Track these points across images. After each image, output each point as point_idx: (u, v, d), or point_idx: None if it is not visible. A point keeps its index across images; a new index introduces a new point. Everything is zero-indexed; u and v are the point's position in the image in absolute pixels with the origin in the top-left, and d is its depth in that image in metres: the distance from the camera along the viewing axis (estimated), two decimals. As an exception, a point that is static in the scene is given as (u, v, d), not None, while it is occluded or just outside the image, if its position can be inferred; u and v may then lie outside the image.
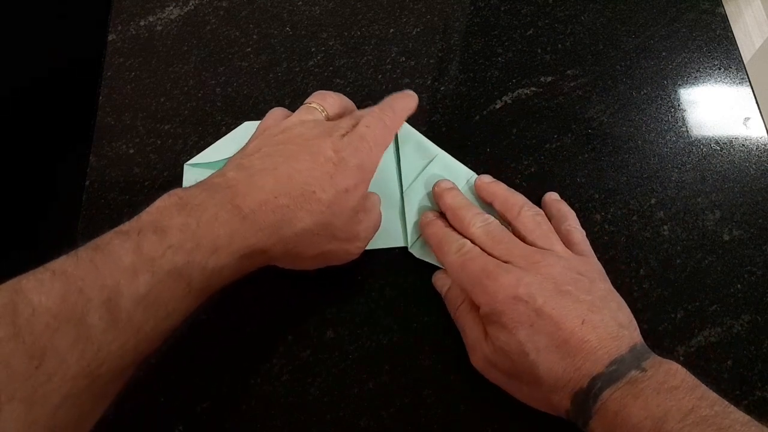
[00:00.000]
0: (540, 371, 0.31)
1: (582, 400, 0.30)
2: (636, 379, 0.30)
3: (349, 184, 0.33)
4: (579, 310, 0.32)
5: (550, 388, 0.31)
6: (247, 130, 0.42)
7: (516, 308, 0.32)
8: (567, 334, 0.31)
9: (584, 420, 0.30)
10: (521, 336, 0.31)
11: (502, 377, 0.34)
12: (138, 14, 0.48)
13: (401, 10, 0.48)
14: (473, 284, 0.34)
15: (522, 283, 0.32)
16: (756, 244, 0.40)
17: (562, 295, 0.32)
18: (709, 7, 0.49)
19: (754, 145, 0.44)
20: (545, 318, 0.31)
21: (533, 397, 0.33)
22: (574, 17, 0.49)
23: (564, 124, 0.44)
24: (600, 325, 0.32)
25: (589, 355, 0.31)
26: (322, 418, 0.35)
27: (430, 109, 0.44)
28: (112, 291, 0.26)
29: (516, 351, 0.32)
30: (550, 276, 0.33)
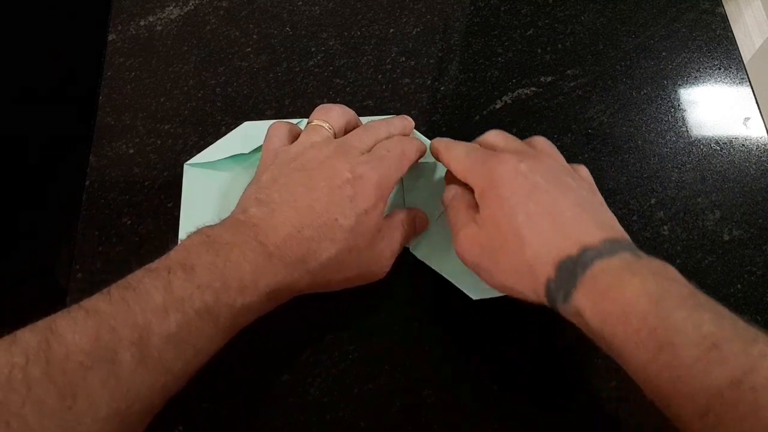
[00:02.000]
0: (526, 234, 0.30)
1: (569, 267, 0.29)
2: (631, 259, 0.28)
3: (369, 204, 0.33)
4: (576, 197, 0.31)
5: (534, 255, 0.30)
6: (247, 130, 0.43)
7: (514, 179, 0.31)
8: (562, 206, 0.30)
9: (566, 291, 0.29)
10: (514, 201, 0.31)
11: (480, 252, 0.33)
12: (138, 14, 0.48)
13: (401, 10, 0.48)
14: (474, 166, 0.34)
15: (523, 161, 0.32)
16: (756, 244, 0.40)
17: (560, 182, 0.32)
18: (709, 7, 0.49)
19: (754, 145, 0.44)
20: (542, 192, 0.31)
21: (511, 271, 0.31)
22: (574, 17, 0.49)
23: (564, 124, 0.44)
24: (597, 211, 0.31)
25: (582, 227, 0.30)
26: (322, 418, 0.35)
27: (430, 109, 0.44)
28: (143, 329, 0.26)
29: (505, 215, 0.31)
30: (551, 167, 0.33)
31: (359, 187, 0.32)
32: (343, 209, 0.32)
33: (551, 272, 0.29)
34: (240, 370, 0.36)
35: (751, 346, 0.24)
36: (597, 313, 0.28)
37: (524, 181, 0.31)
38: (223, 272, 0.28)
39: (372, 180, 0.33)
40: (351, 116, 0.38)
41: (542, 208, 0.30)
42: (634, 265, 0.28)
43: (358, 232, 0.32)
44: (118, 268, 0.39)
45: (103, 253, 0.39)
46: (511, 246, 0.31)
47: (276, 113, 0.44)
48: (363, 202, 0.32)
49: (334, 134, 0.36)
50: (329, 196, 0.32)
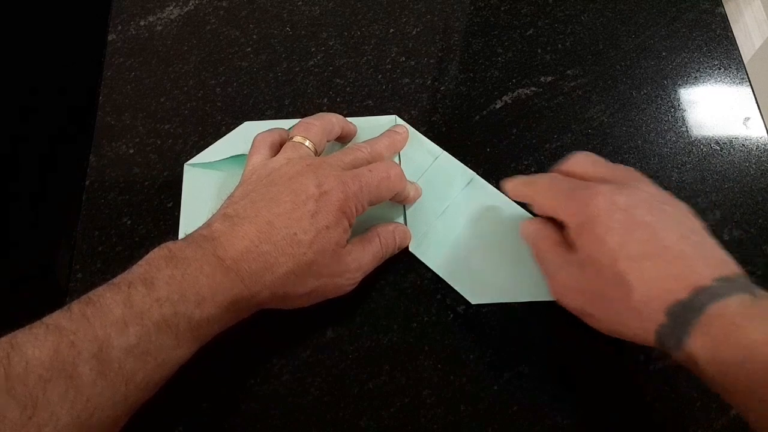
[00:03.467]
0: (631, 279, 0.28)
1: (680, 312, 0.27)
2: (749, 301, 0.26)
3: (330, 221, 0.33)
4: (678, 227, 0.29)
5: (641, 300, 0.28)
6: (247, 130, 0.43)
7: (611, 214, 0.29)
8: (665, 243, 0.28)
9: (678, 338, 0.27)
10: (614, 241, 0.29)
11: (583, 299, 0.31)
12: (138, 14, 0.48)
13: (401, 10, 0.48)
14: (566, 199, 0.32)
15: (622, 193, 0.30)
16: (756, 244, 0.40)
17: (661, 211, 0.30)
18: (709, 7, 0.49)
19: (754, 145, 0.44)
20: (641, 225, 0.29)
21: (617, 317, 0.29)
22: (574, 17, 0.49)
23: (564, 124, 0.44)
24: (703, 244, 0.29)
25: (690, 267, 0.27)
26: (322, 418, 0.35)
27: (430, 109, 0.44)
28: (102, 342, 0.27)
29: (606, 258, 0.29)
30: (647, 195, 0.31)
31: (323, 203, 0.33)
32: (302, 224, 0.32)
33: (661, 318, 0.27)
34: (240, 370, 0.36)
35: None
36: (714, 361, 0.26)
37: (623, 216, 0.29)
38: (181, 285, 0.29)
39: (338, 196, 0.33)
40: (334, 128, 0.38)
41: (646, 248, 0.28)
42: (753, 307, 0.26)
43: (318, 247, 0.32)
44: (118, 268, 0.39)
45: (103, 253, 0.39)
46: (615, 291, 0.29)
47: (276, 113, 0.44)
48: (324, 218, 0.32)
49: (314, 150, 0.36)
50: (290, 212, 0.32)
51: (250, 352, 0.36)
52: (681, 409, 0.35)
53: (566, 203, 0.32)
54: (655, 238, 0.29)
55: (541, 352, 0.37)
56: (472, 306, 0.38)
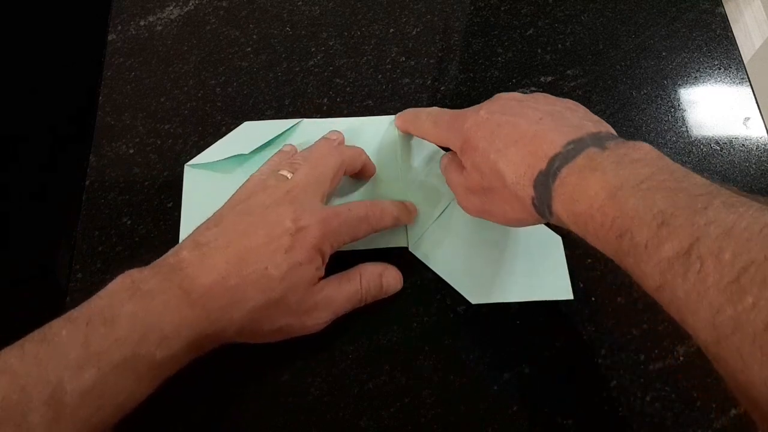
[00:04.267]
0: (501, 167, 0.31)
1: (543, 182, 0.29)
2: (595, 155, 0.28)
3: (304, 257, 0.32)
4: (536, 113, 0.32)
5: (513, 181, 0.30)
6: (247, 130, 0.43)
7: (479, 126, 0.32)
8: (523, 128, 0.31)
9: (548, 205, 0.29)
10: (483, 144, 0.32)
11: (479, 199, 0.34)
12: (138, 14, 0.48)
13: (401, 10, 0.48)
14: (447, 132, 0.35)
15: (483, 107, 0.33)
16: (756, 244, 0.40)
17: (522, 107, 0.32)
18: (709, 7, 0.49)
19: (754, 145, 0.44)
20: (504, 124, 0.32)
21: (507, 205, 0.32)
22: (574, 17, 0.49)
23: (564, 124, 0.44)
24: (558, 119, 0.31)
25: (546, 140, 0.30)
26: (322, 418, 0.35)
27: (430, 109, 0.44)
28: (55, 388, 0.25)
29: (482, 160, 0.32)
30: (510, 99, 0.34)
31: (299, 239, 0.32)
32: (275, 259, 0.31)
33: (532, 192, 0.30)
34: (240, 370, 0.36)
35: (699, 216, 0.23)
36: (570, 216, 0.28)
37: (487, 123, 0.32)
38: (144, 323, 0.28)
39: (315, 234, 0.32)
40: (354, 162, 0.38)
41: (507, 138, 0.31)
42: (596, 159, 0.28)
43: (288, 284, 0.31)
44: (118, 268, 0.39)
45: (103, 253, 0.39)
46: (496, 183, 0.32)
47: (276, 113, 0.44)
48: (298, 254, 0.31)
49: None
50: (263, 246, 0.31)
51: (249, 353, 0.36)
52: (681, 409, 0.35)
53: (448, 135, 0.35)
54: (516, 128, 0.31)
55: (541, 352, 0.37)
56: (472, 306, 0.38)
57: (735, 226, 0.22)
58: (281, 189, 0.34)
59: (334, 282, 0.35)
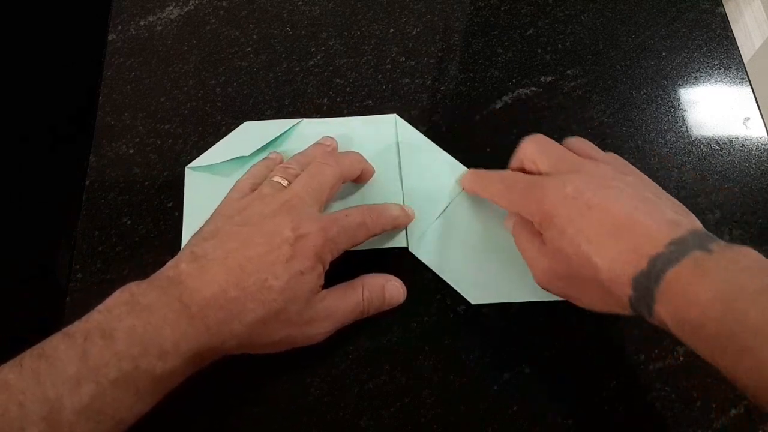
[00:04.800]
0: (595, 259, 0.29)
1: (643, 283, 0.28)
2: (701, 258, 0.27)
3: (305, 266, 0.31)
4: (630, 200, 0.30)
5: (609, 277, 0.29)
6: (247, 130, 0.43)
7: (565, 205, 0.31)
8: (619, 218, 0.29)
9: (648, 306, 0.28)
10: (572, 230, 0.30)
11: (563, 283, 0.33)
12: (138, 14, 0.48)
13: (401, 10, 0.48)
14: (522, 200, 0.34)
15: (568, 182, 0.32)
16: (756, 244, 0.40)
17: (610, 188, 0.31)
18: (709, 7, 0.49)
19: (754, 145, 0.44)
20: (594, 208, 0.30)
21: (596, 295, 0.31)
22: (574, 17, 0.49)
23: (564, 124, 0.44)
24: (654, 210, 0.30)
25: (645, 236, 0.28)
26: (322, 418, 0.35)
27: (430, 109, 0.44)
28: (53, 404, 0.25)
29: (570, 246, 0.30)
30: (596, 174, 0.32)
31: (299, 248, 0.31)
32: (275, 270, 0.30)
33: (629, 291, 0.29)
34: (240, 370, 0.36)
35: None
36: (678, 323, 0.27)
37: (574, 203, 0.31)
38: (143, 337, 0.28)
39: (315, 242, 0.32)
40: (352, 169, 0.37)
41: (601, 227, 0.30)
42: (705, 265, 0.27)
43: (290, 295, 0.31)
44: (118, 268, 0.39)
45: (103, 253, 0.39)
46: (586, 273, 0.30)
47: (276, 113, 0.44)
48: (299, 263, 0.31)
49: None
50: (263, 256, 0.31)
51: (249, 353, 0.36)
52: (681, 409, 0.36)
53: (523, 204, 0.34)
54: (609, 216, 0.30)
55: (541, 352, 0.37)
56: (472, 306, 0.38)
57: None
58: (279, 198, 0.33)
59: (336, 292, 0.34)
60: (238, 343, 0.31)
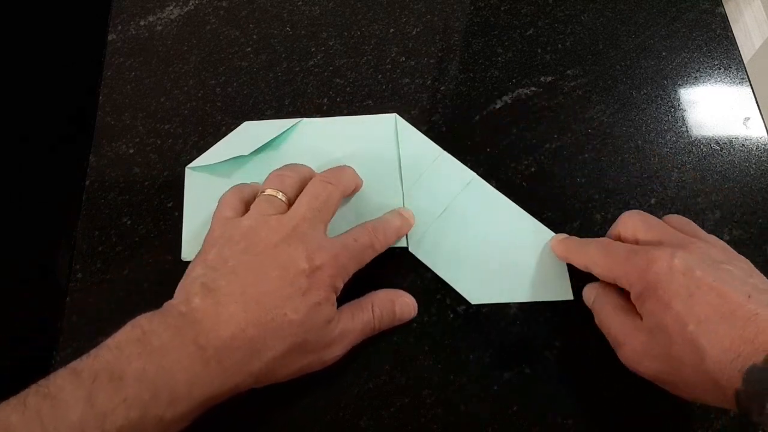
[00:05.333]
0: (703, 343, 0.27)
1: (758, 378, 0.26)
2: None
3: (322, 297, 0.31)
4: (743, 286, 0.28)
5: (715, 365, 0.27)
6: (247, 131, 0.43)
7: (672, 278, 0.29)
8: (733, 305, 0.27)
9: (761, 402, 0.26)
10: (679, 306, 0.28)
11: (658, 365, 0.30)
12: (138, 14, 0.48)
13: (401, 10, 0.48)
14: (623, 266, 0.31)
15: (677, 255, 0.29)
16: (756, 244, 0.40)
17: (722, 271, 0.29)
18: (709, 7, 0.49)
19: (754, 145, 0.44)
20: (705, 288, 0.28)
21: (696, 382, 0.29)
22: (574, 17, 0.49)
23: (564, 124, 0.44)
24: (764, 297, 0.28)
25: (762, 328, 0.26)
26: (322, 418, 0.35)
27: (430, 109, 0.44)
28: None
29: (675, 325, 0.28)
30: (706, 254, 0.30)
31: (314, 279, 0.31)
32: (294, 303, 0.30)
33: (738, 383, 0.26)
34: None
35: None
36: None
37: (683, 279, 0.29)
38: (154, 382, 0.27)
39: (330, 272, 0.31)
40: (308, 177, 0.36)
41: (714, 310, 0.28)
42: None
43: (308, 326, 0.30)
44: (118, 268, 0.39)
45: (103, 253, 0.39)
46: (689, 356, 0.28)
47: (276, 113, 0.44)
48: (316, 295, 0.30)
49: (288, 201, 0.34)
50: (280, 290, 0.30)
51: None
52: (681, 409, 0.35)
53: (624, 271, 0.31)
54: (722, 299, 0.28)
55: (541, 352, 0.37)
56: (472, 306, 0.38)
57: None
58: (286, 224, 0.32)
59: (347, 313, 0.33)
60: (255, 381, 0.30)
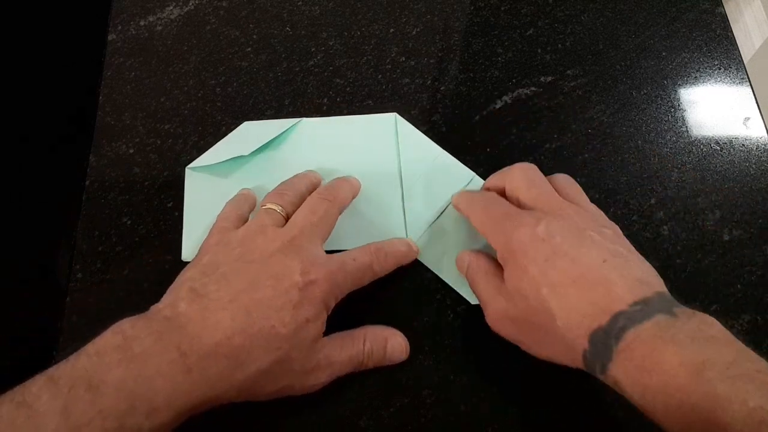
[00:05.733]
0: (553, 306, 0.28)
1: (602, 338, 0.27)
2: (666, 323, 0.26)
3: (312, 314, 0.30)
4: (600, 252, 0.29)
5: (565, 326, 0.28)
6: (247, 130, 0.43)
7: (532, 245, 0.30)
8: (584, 269, 0.28)
9: (603, 363, 0.27)
10: (535, 271, 0.29)
11: (515, 327, 0.32)
12: (138, 14, 0.48)
13: (401, 10, 0.48)
14: (494, 227, 0.33)
15: (542, 223, 0.31)
16: (756, 244, 0.40)
17: (583, 238, 0.30)
18: (709, 7, 0.49)
19: (754, 145, 0.44)
20: (561, 254, 0.29)
21: (548, 343, 0.30)
22: (574, 17, 0.49)
23: (564, 124, 0.44)
24: (623, 266, 0.29)
25: (609, 291, 0.28)
26: (322, 418, 0.35)
27: (430, 109, 0.44)
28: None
29: (530, 288, 0.30)
30: (573, 221, 0.31)
31: (307, 294, 0.30)
32: (283, 316, 0.29)
33: (585, 344, 0.28)
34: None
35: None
36: (635, 385, 0.26)
37: (542, 245, 0.30)
38: (133, 392, 0.26)
39: (323, 288, 0.31)
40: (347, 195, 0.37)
41: (565, 275, 0.29)
42: (670, 330, 0.26)
43: (295, 342, 0.29)
44: (118, 268, 0.39)
45: (103, 253, 0.39)
46: (542, 319, 0.29)
47: (276, 113, 0.44)
48: (307, 310, 0.30)
49: (286, 215, 0.34)
50: (271, 300, 0.29)
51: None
52: (681, 409, 0.35)
53: (494, 232, 0.33)
54: (575, 265, 0.29)
55: (541, 352, 0.37)
56: (472, 306, 0.38)
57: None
58: (283, 235, 0.32)
59: (337, 341, 0.33)
60: (236, 395, 0.29)
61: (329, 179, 0.41)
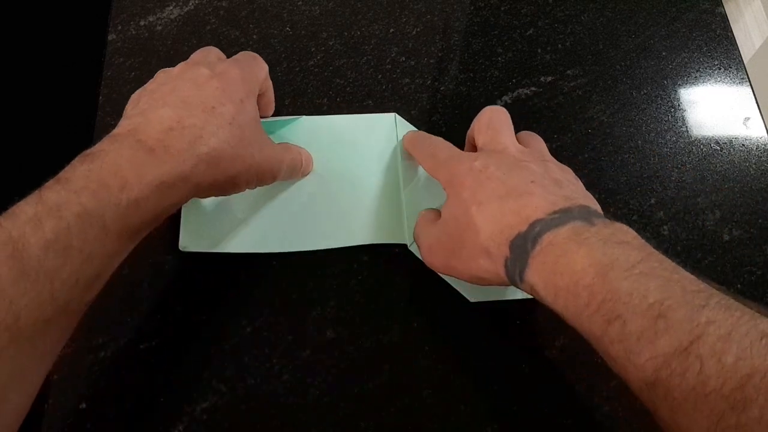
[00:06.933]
0: (479, 221, 0.30)
1: (520, 245, 0.28)
2: (581, 228, 0.27)
3: (242, 94, 0.33)
4: (530, 174, 0.31)
5: (488, 237, 0.30)
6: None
7: (469, 176, 0.32)
8: (511, 187, 0.30)
9: (521, 268, 0.28)
10: (467, 194, 0.31)
11: (444, 252, 0.33)
12: (138, 14, 0.47)
13: (401, 10, 0.48)
14: (438, 166, 0.35)
15: (481, 158, 0.33)
16: (756, 244, 0.40)
17: (518, 167, 0.32)
18: (709, 7, 0.49)
19: (754, 145, 0.44)
20: (493, 178, 0.31)
21: (474, 258, 0.31)
22: (574, 17, 0.49)
23: (564, 124, 0.44)
24: (552, 185, 0.31)
25: (531, 202, 0.29)
26: (322, 418, 0.35)
27: (430, 109, 0.44)
28: (17, 242, 0.25)
29: (460, 210, 0.32)
30: (512, 155, 0.33)
31: (225, 81, 0.33)
32: (217, 98, 0.32)
33: (506, 252, 0.29)
34: (240, 370, 0.36)
35: (699, 313, 0.23)
36: (548, 287, 0.27)
37: (477, 174, 0.32)
38: (100, 175, 0.27)
39: (235, 74, 0.34)
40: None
41: (492, 193, 0.31)
42: (583, 234, 0.27)
43: (240, 121, 0.32)
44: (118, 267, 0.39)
45: (103, 253, 0.39)
46: (469, 236, 0.31)
47: (276, 113, 0.44)
48: (234, 92, 0.33)
49: None
50: (199, 91, 0.32)
51: (250, 352, 0.36)
52: (681, 409, 0.35)
53: (440, 171, 0.35)
54: (504, 184, 0.31)
55: (541, 352, 0.37)
56: (471, 305, 0.38)
57: (734, 330, 0.22)
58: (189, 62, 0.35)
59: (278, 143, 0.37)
60: (207, 168, 0.30)
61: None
